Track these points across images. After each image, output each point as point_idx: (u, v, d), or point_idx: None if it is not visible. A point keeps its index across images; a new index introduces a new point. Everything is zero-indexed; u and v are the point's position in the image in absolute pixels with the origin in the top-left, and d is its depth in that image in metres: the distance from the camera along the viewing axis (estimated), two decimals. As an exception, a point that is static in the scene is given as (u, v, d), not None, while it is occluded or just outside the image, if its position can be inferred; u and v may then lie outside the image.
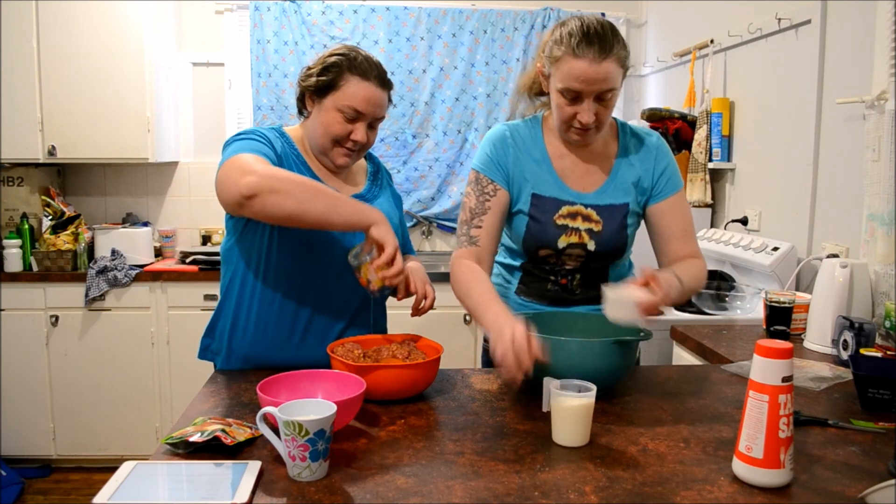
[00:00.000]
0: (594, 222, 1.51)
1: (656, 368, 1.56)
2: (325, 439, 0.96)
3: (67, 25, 3.09)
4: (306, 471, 0.97)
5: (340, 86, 1.41)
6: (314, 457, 0.96)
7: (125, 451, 3.12)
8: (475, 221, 1.52)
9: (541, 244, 1.52)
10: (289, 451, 0.97)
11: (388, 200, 1.59)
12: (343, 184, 1.52)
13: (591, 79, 1.36)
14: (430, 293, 1.46)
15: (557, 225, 1.51)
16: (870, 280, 1.80)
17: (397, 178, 3.62)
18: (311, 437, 0.95)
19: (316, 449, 0.96)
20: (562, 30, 1.40)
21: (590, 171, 1.54)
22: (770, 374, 0.94)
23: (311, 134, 1.47)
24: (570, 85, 1.38)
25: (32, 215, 3.21)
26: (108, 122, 3.16)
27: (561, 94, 1.41)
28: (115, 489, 0.92)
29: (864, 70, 1.95)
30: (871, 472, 1.01)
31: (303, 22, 3.47)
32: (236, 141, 1.38)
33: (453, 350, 3.13)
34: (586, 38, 1.35)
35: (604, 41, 1.35)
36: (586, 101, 1.39)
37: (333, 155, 1.45)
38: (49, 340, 3.08)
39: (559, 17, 3.58)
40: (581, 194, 1.52)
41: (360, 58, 1.43)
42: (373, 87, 1.42)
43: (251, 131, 1.42)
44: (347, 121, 1.41)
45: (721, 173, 2.83)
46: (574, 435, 1.10)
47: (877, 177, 1.84)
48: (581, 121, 1.41)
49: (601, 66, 1.35)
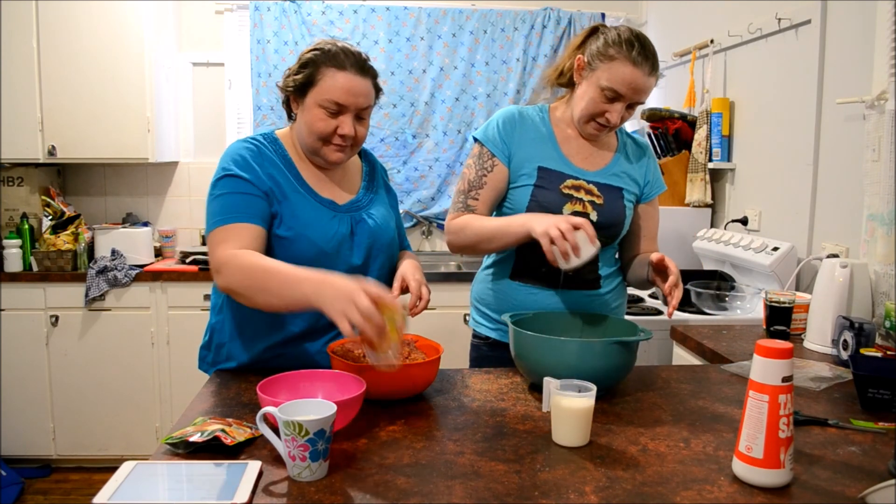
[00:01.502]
0: (596, 196, 1.58)
1: (656, 368, 1.56)
2: (325, 439, 0.96)
3: (67, 25, 3.09)
4: (306, 471, 0.97)
5: (318, 80, 1.37)
6: (314, 457, 0.96)
7: (125, 451, 3.12)
8: (472, 193, 1.60)
9: (546, 210, 1.54)
10: (289, 451, 0.97)
11: (383, 204, 1.57)
12: (338, 188, 1.49)
13: (639, 88, 1.49)
14: (424, 294, 1.43)
15: (563, 193, 1.56)
16: (870, 280, 1.80)
17: (397, 178, 3.62)
18: (311, 438, 0.95)
19: (316, 449, 0.96)
20: (618, 33, 1.50)
21: (593, 153, 1.63)
22: (770, 374, 0.94)
23: (299, 136, 1.44)
24: (618, 87, 1.48)
25: (32, 215, 3.21)
26: (108, 122, 3.16)
27: (601, 91, 1.50)
28: (115, 489, 0.92)
29: (864, 70, 1.96)
30: (871, 472, 1.01)
31: (303, 22, 3.47)
32: (216, 199, 1.34)
33: (453, 350, 3.11)
34: (644, 51, 1.48)
35: (655, 58, 1.51)
36: (621, 104, 1.51)
37: (325, 153, 1.41)
38: (49, 340, 3.08)
39: (559, 16, 3.59)
40: (584, 171, 1.60)
41: (336, 49, 1.38)
42: (350, 75, 1.37)
43: (237, 159, 1.37)
44: (331, 115, 1.37)
45: (721, 173, 2.83)
46: (574, 435, 1.10)
47: (877, 177, 1.84)
48: (609, 119, 1.52)
49: (649, 79, 1.50)
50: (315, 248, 1.39)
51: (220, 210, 1.34)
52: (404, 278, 1.46)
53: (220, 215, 1.33)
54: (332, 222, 1.42)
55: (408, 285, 1.45)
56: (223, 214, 1.33)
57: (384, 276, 1.53)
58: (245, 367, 1.46)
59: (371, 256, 1.48)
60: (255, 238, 1.32)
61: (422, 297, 1.43)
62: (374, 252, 1.48)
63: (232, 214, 1.33)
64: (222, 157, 1.40)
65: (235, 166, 1.37)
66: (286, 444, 0.97)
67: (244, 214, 1.33)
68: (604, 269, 1.63)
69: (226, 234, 1.31)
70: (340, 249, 1.42)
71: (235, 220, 1.32)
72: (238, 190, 1.35)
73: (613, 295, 1.66)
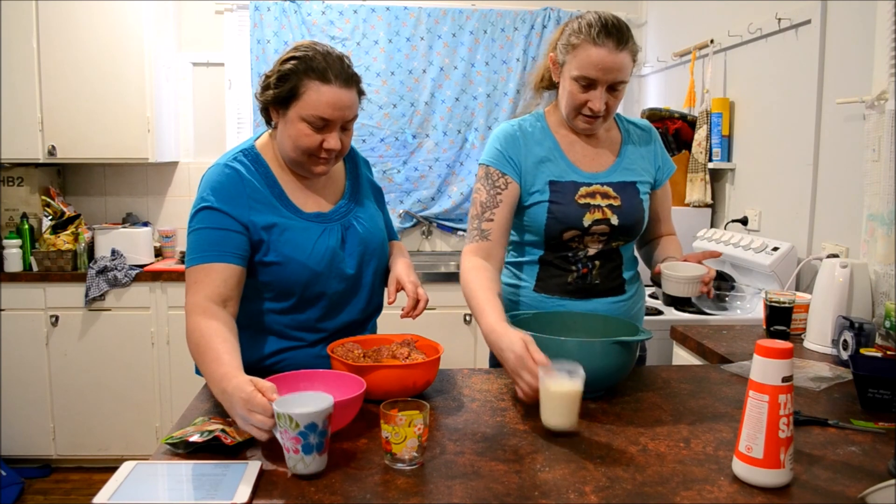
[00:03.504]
0: (613, 198, 1.56)
1: (656, 368, 1.56)
2: (317, 433, 0.97)
3: (67, 25, 3.09)
4: (300, 463, 0.97)
5: (301, 94, 1.30)
6: (307, 450, 0.97)
7: (125, 451, 3.12)
8: (486, 215, 1.54)
9: (565, 225, 1.53)
10: (283, 442, 0.98)
11: (369, 203, 1.53)
12: (322, 197, 1.45)
13: (608, 67, 1.43)
14: (422, 295, 1.42)
15: (580, 204, 1.54)
16: (870, 280, 1.79)
17: (397, 178, 3.62)
18: (301, 431, 0.96)
19: (308, 442, 0.96)
20: (580, 21, 1.47)
21: (599, 153, 1.60)
22: (770, 374, 0.94)
23: (281, 147, 1.39)
24: (587, 72, 1.45)
25: (32, 215, 3.21)
26: (108, 122, 3.16)
27: (575, 81, 1.47)
28: (115, 489, 0.92)
29: (864, 70, 1.95)
30: (871, 472, 1.01)
31: (303, 22, 3.47)
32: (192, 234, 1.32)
33: (453, 350, 3.12)
34: (605, 28, 1.43)
35: (621, 33, 1.44)
36: (599, 89, 1.46)
37: (309, 166, 1.37)
38: (49, 340, 3.08)
39: (559, 17, 3.58)
40: (595, 174, 1.58)
41: (318, 58, 1.30)
42: (335, 89, 1.30)
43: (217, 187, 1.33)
44: (316, 130, 1.32)
45: (721, 173, 2.83)
46: (561, 418, 1.11)
47: (877, 177, 1.84)
48: (592, 108, 1.48)
49: (618, 56, 1.43)
50: (307, 271, 1.37)
51: (196, 247, 1.32)
52: (399, 281, 1.45)
53: (196, 252, 1.31)
54: (321, 239, 1.39)
55: (403, 288, 1.44)
56: (198, 252, 1.31)
57: (377, 280, 1.52)
58: (246, 370, 1.45)
59: (364, 263, 1.46)
60: (227, 279, 1.30)
61: (420, 299, 1.42)
62: (367, 258, 1.47)
63: (206, 253, 1.30)
64: (201, 184, 1.37)
65: (214, 196, 1.33)
66: (280, 435, 0.98)
67: (218, 253, 1.30)
68: (627, 272, 1.63)
69: (198, 276, 1.29)
70: (333, 264, 1.40)
71: (209, 260, 1.30)
72: (214, 225, 1.32)
73: (636, 298, 1.66)
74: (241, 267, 1.33)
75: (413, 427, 0.99)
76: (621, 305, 1.61)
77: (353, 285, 1.46)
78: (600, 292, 1.59)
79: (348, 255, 1.44)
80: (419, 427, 1.00)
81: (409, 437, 0.99)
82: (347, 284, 1.44)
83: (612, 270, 1.60)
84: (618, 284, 1.61)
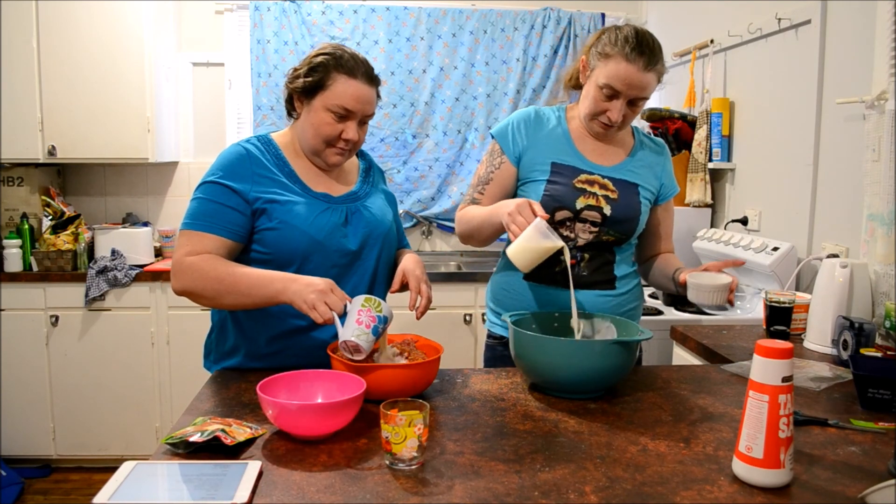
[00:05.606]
0: (610, 191, 1.60)
1: (656, 368, 1.56)
2: (383, 325, 1.26)
3: (67, 25, 3.09)
4: (365, 336, 1.21)
5: (328, 85, 1.40)
6: (374, 332, 1.23)
7: (125, 451, 3.12)
8: (479, 188, 1.66)
9: (559, 203, 1.56)
10: (358, 318, 1.22)
11: (379, 198, 1.58)
12: (335, 182, 1.51)
13: (634, 84, 1.49)
14: (425, 291, 1.43)
15: (576, 188, 1.57)
16: (870, 280, 1.80)
17: (397, 178, 3.62)
18: (381, 316, 1.24)
19: (377, 326, 1.24)
20: (618, 33, 1.52)
21: (609, 151, 1.65)
22: (770, 374, 0.94)
23: (301, 136, 1.47)
24: (613, 83, 1.50)
25: (32, 215, 3.21)
26: (108, 122, 3.16)
27: (600, 89, 1.53)
28: (115, 489, 0.92)
29: (864, 70, 1.96)
30: (871, 472, 1.01)
31: (303, 22, 3.47)
32: (194, 201, 1.41)
33: (453, 350, 3.12)
34: (640, 46, 1.48)
35: (653, 54, 1.50)
36: (621, 100, 1.52)
37: (326, 155, 1.45)
38: (49, 340, 3.08)
39: (559, 17, 3.59)
40: (599, 166, 1.61)
41: (347, 56, 1.42)
42: (361, 84, 1.42)
43: (226, 164, 1.42)
44: (338, 120, 1.41)
45: (721, 173, 2.83)
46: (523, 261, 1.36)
47: (877, 177, 1.84)
48: (610, 117, 1.54)
49: (645, 75, 1.49)
50: (305, 237, 1.40)
51: (194, 214, 1.40)
52: (405, 274, 1.46)
53: (192, 219, 1.39)
54: (324, 213, 1.44)
55: (407, 282, 1.45)
56: (195, 219, 1.39)
57: (384, 270, 1.53)
58: (249, 358, 1.47)
59: (367, 245, 1.48)
60: (217, 249, 1.37)
61: (422, 294, 1.42)
62: (371, 241, 1.49)
63: (203, 221, 1.38)
64: (216, 159, 1.45)
65: (222, 172, 1.41)
66: (359, 313, 1.22)
67: (214, 225, 1.38)
68: (620, 269, 1.63)
69: (190, 240, 1.38)
70: (333, 237, 1.43)
71: (203, 229, 1.37)
72: (216, 199, 1.39)
73: (629, 297, 1.65)
74: (231, 241, 1.39)
75: (413, 427, 0.99)
76: (609, 300, 1.61)
77: (355, 263, 1.47)
78: (586, 284, 1.59)
79: (351, 232, 1.46)
80: (419, 427, 1.00)
81: (409, 437, 0.99)
82: (348, 261, 1.45)
83: (601, 265, 1.61)
84: (607, 279, 1.61)
